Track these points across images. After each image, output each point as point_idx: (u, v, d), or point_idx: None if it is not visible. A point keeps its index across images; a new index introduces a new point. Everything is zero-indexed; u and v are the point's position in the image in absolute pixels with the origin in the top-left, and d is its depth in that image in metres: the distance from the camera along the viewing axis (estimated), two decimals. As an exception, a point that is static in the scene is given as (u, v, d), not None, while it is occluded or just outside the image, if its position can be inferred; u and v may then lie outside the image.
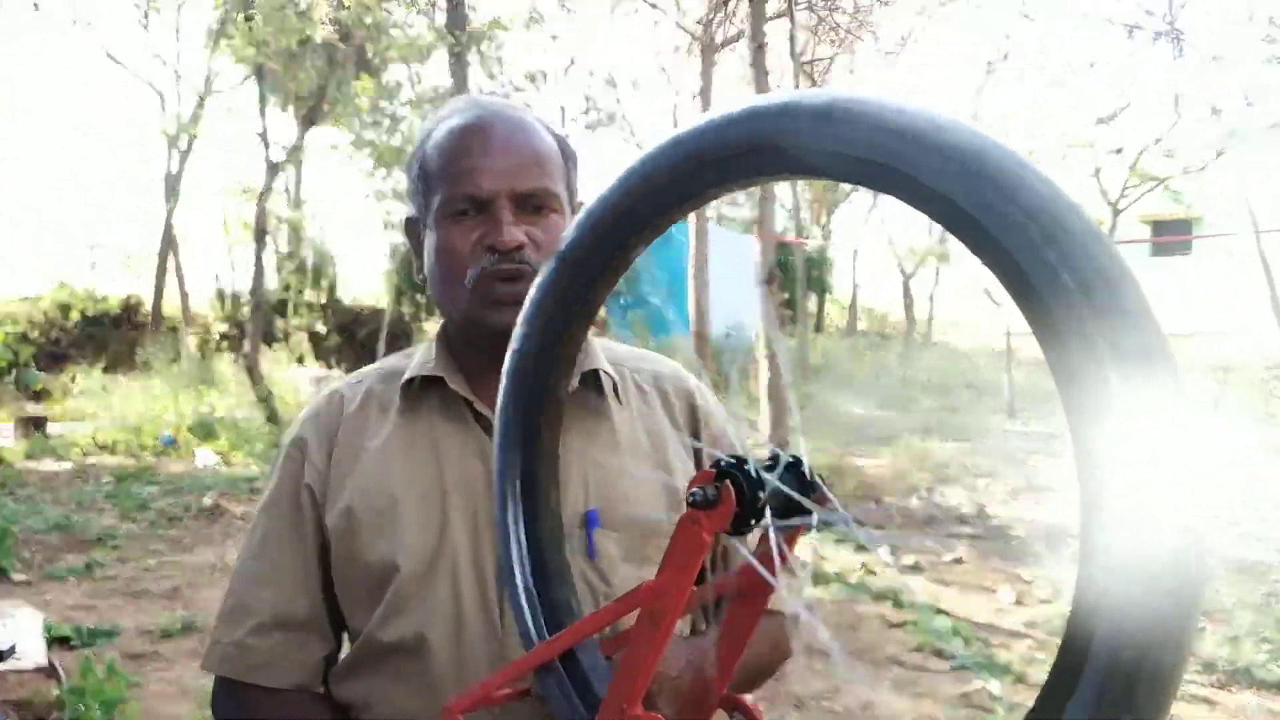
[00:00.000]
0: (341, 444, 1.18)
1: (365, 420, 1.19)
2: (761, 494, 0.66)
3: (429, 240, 1.16)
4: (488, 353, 1.12)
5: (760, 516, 0.66)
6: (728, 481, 0.66)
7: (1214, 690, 4.19)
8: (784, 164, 0.62)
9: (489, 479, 1.06)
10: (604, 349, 1.23)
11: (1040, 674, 4.20)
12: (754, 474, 0.66)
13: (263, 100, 11.43)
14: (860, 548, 6.49)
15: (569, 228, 0.79)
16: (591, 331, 1.19)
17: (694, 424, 1.25)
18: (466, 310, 1.13)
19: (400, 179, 11.59)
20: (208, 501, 7.24)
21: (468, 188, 1.11)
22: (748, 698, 0.82)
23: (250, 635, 1.14)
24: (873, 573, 5.97)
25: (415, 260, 1.24)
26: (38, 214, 24.66)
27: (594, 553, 1.11)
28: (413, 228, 1.23)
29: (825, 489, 0.69)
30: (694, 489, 0.67)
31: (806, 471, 0.69)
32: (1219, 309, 18.20)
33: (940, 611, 5.28)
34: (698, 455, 1.21)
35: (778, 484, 0.66)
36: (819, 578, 5.73)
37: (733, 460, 0.67)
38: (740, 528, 0.67)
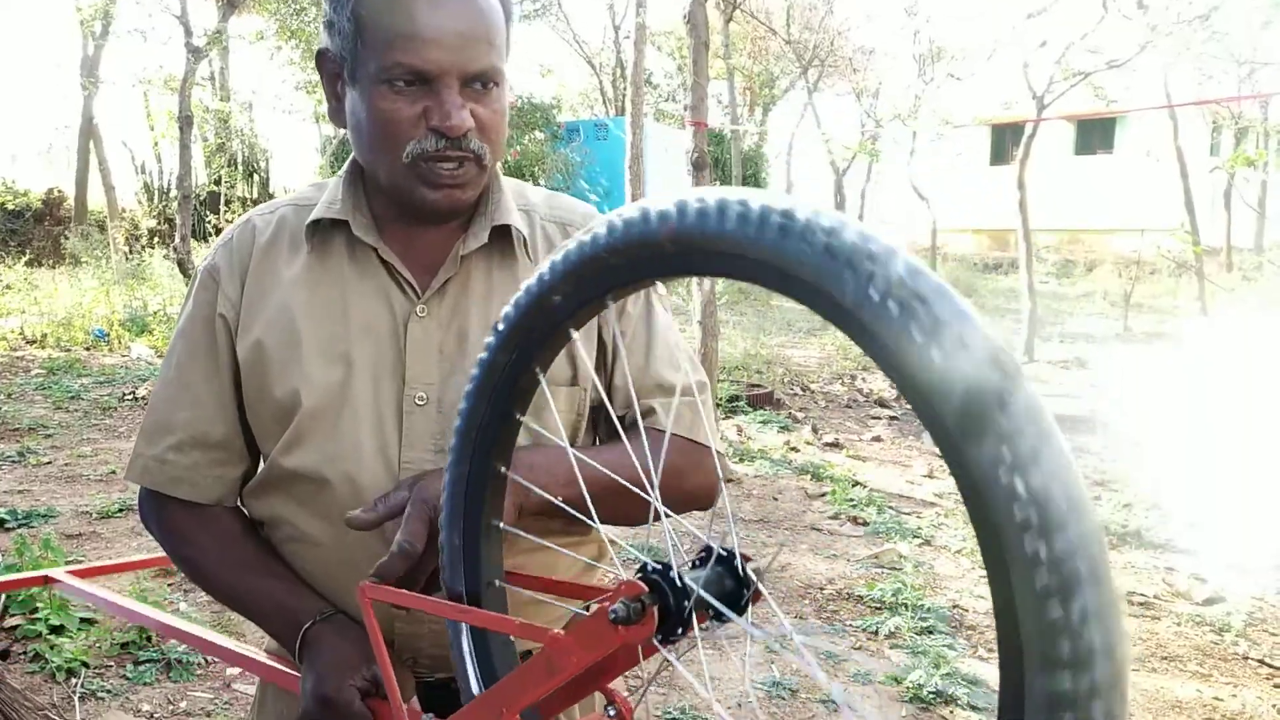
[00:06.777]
0: (254, 275, 1.16)
1: (277, 252, 1.17)
2: (687, 603, 0.63)
3: (359, 99, 1.07)
4: (407, 214, 1.13)
5: (687, 626, 0.63)
6: (653, 608, 0.62)
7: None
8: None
9: (392, 325, 1.12)
10: (516, 193, 1.20)
11: (945, 538, 4.50)
12: (679, 582, 0.63)
13: (181, -19, 10.97)
14: (783, 429, 6.74)
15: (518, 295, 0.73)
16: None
17: None
18: (400, 183, 1.08)
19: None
20: (142, 391, 7.19)
21: (414, 60, 1.02)
22: (622, 691, 0.80)
23: (170, 451, 1.17)
24: (795, 449, 6.23)
25: (330, 101, 1.15)
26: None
27: None
28: (329, 65, 1.12)
29: (759, 585, 0.65)
30: (614, 606, 0.63)
31: (739, 567, 0.65)
32: (1137, 206, 18.73)
33: (857, 484, 5.56)
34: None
35: (702, 593, 0.63)
36: (745, 454, 5.96)
37: (658, 566, 0.64)
38: (667, 636, 0.63)
